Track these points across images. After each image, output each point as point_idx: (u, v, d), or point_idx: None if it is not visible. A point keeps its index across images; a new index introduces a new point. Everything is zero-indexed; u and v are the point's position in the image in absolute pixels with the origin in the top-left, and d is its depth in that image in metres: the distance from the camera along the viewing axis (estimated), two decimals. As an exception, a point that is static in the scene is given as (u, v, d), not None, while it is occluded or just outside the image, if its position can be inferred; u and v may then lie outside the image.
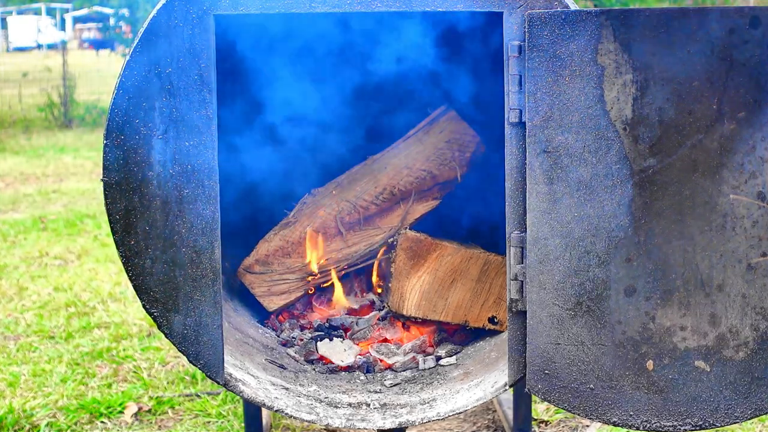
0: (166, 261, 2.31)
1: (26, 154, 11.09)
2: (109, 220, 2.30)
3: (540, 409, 3.59)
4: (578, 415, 2.32)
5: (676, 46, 2.17)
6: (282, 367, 2.74)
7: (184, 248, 2.31)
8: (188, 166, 2.28)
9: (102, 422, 3.57)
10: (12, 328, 4.66)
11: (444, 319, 2.96)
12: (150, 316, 2.34)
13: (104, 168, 2.29)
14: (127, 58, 2.27)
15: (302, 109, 3.28)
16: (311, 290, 3.18)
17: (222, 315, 2.36)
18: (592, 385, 2.30)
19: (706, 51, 2.16)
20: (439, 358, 2.88)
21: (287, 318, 3.15)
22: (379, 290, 3.21)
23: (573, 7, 2.30)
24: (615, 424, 2.32)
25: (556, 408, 3.52)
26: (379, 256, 3.16)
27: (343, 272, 3.20)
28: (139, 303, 3.24)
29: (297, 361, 2.86)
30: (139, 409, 3.66)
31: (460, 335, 3.01)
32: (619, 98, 2.20)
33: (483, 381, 2.54)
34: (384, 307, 3.07)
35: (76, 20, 38.51)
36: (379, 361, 2.89)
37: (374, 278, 3.21)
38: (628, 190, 2.22)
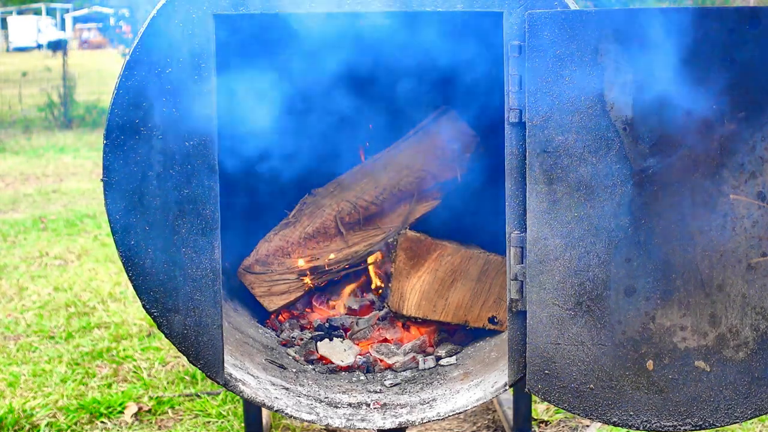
0: (166, 261, 2.31)
1: (26, 154, 11.09)
2: (109, 220, 2.30)
3: (540, 409, 3.59)
4: (578, 415, 2.32)
5: (677, 46, 2.17)
6: (282, 367, 2.74)
7: (184, 248, 2.31)
8: (188, 166, 2.28)
9: (102, 422, 3.57)
10: (12, 328, 4.66)
11: (444, 319, 2.96)
12: (150, 316, 2.34)
13: (104, 168, 2.29)
14: (127, 58, 2.27)
15: (302, 109, 3.28)
16: (322, 283, 3.16)
17: (222, 315, 2.36)
18: (592, 385, 2.29)
19: (706, 51, 2.16)
20: (439, 358, 2.88)
21: (287, 318, 3.15)
22: (379, 292, 3.21)
23: (573, 7, 2.30)
24: (615, 424, 2.32)
25: (556, 408, 3.52)
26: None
27: (343, 272, 3.20)
28: (139, 303, 3.24)
29: (297, 361, 2.86)
30: (139, 409, 3.66)
31: (460, 335, 3.01)
32: (619, 98, 2.20)
33: (483, 381, 2.54)
34: (384, 307, 3.07)
35: (76, 20, 38.54)
36: (379, 361, 2.89)
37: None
38: (628, 190, 2.22)
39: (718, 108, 2.18)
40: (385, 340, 3.00)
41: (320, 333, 3.01)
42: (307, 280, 3.14)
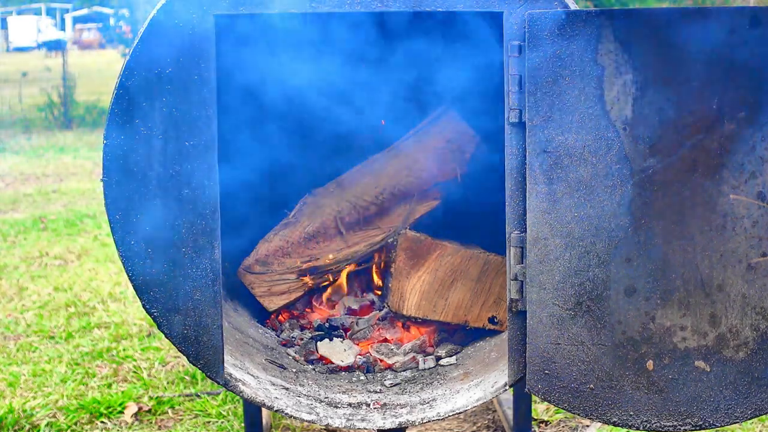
0: (166, 261, 2.31)
1: (26, 154, 11.09)
2: (109, 220, 2.30)
3: (540, 409, 3.59)
4: (578, 415, 2.32)
5: (677, 47, 2.17)
6: (282, 367, 2.74)
7: (184, 248, 2.31)
8: (188, 166, 2.28)
9: (102, 422, 3.57)
10: (12, 328, 4.66)
11: (444, 319, 2.96)
12: (150, 316, 2.34)
13: (104, 168, 2.29)
14: (127, 58, 2.27)
15: (303, 108, 3.28)
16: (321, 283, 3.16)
17: (222, 315, 2.36)
18: (592, 385, 2.29)
19: (706, 51, 2.16)
20: (439, 358, 2.88)
21: (287, 318, 3.15)
22: (379, 292, 3.20)
23: (573, 7, 2.30)
24: (615, 424, 2.32)
25: (556, 408, 3.52)
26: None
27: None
28: (139, 303, 3.24)
29: (297, 361, 2.86)
30: (139, 409, 3.66)
31: (460, 335, 3.01)
32: (619, 98, 2.20)
33: (483, 381, 2.54)
34: (384, 307, 3.07)
35: (76, 20, 38.56)
36: (379, 361, 2.89)
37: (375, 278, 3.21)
38: (628, 190, 2.22)
39: (718, 108, 2.18)
40: (385, 340, 3.00)
41: (320, 333, 3.01)
42: (307, 280, 3.14)
